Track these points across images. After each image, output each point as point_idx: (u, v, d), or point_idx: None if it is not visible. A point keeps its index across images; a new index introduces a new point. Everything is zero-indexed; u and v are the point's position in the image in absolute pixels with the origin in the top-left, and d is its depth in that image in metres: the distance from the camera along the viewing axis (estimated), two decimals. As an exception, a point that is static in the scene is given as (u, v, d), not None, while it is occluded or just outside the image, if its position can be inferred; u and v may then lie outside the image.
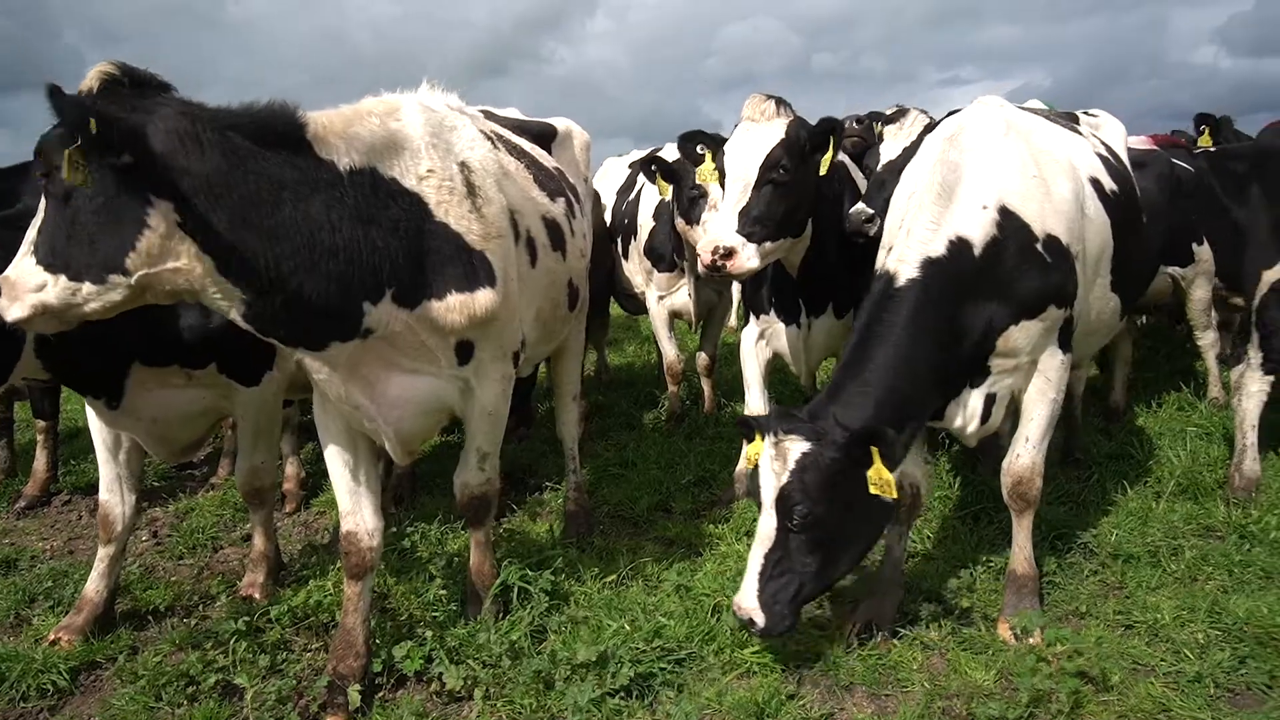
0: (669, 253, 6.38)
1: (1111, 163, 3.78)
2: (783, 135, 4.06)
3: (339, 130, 2.58)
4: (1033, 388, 3.31)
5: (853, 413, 2.96)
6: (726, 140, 4.28)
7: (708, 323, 6.76)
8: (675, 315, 6.62)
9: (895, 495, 2.95)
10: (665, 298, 6.57)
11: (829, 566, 3.09)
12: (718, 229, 3.94)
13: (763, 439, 3.03)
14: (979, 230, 3.09)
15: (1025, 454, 3.41)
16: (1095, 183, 3.52)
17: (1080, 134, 3.84)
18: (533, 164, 3.54)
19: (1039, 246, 3.11)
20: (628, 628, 3.40)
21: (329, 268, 2.53)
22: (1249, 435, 4.79)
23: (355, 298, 2.65)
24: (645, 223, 6.54)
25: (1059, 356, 3.26)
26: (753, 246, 3.87)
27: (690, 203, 5.54)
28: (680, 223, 5.79)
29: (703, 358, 6.68)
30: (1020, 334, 3.14)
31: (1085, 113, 4.44)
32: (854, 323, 3.26)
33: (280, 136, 2.47)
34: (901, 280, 3.07)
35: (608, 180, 7.55)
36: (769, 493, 3.01)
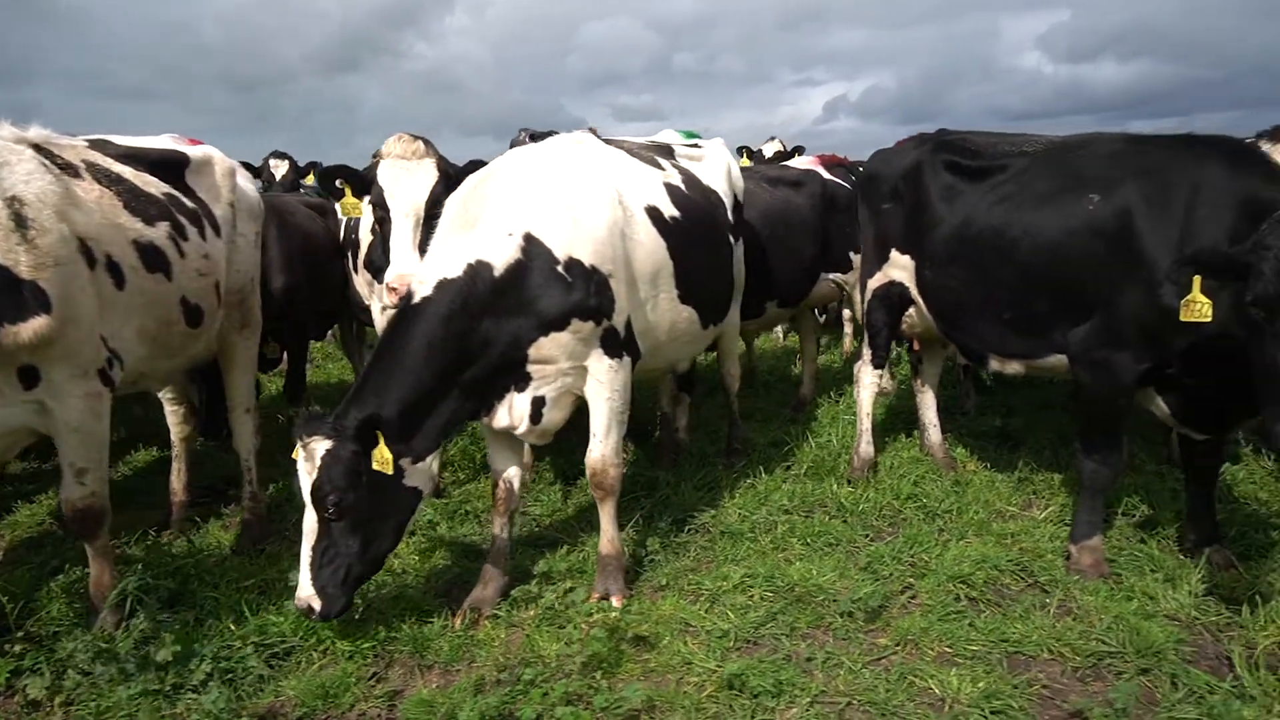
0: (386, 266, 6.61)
1: (682, 191, 4.32)
2: (438, 174, 4.46)
3: None
4: (589, 391, 3.78)
5: (367, 412, 3.37)
6: (365, 174, 4.63)
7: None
8: (398, 325, 6.83)
9: (391, 471, 3.43)
10: (388, 309, 6.77)
11: (372, 545, 3.54)
12: (405, 263, 4.28)
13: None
14: (501, 255, 3.52)
15: (595, 448, 3.88)
16: (652, 211, 4.04)
17: (659, 166, 4.36)
18: (128, 191, 3.70)
19: (560, 269, 3.57)
20: (233, 627, 3.63)
21: None
22: (864, 422, 5.53)
23: None
24: (365, 237, 6.70)
25: (607, 362, 3.73)
26: None
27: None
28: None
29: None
30: (551, 344, 3.59)
31: (692, 144, 5.01)
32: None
33: None
34: (417, 298, 3.49)
35: (343, 195, 7.68)
36: (306, 490, 3.41)
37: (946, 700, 3.19)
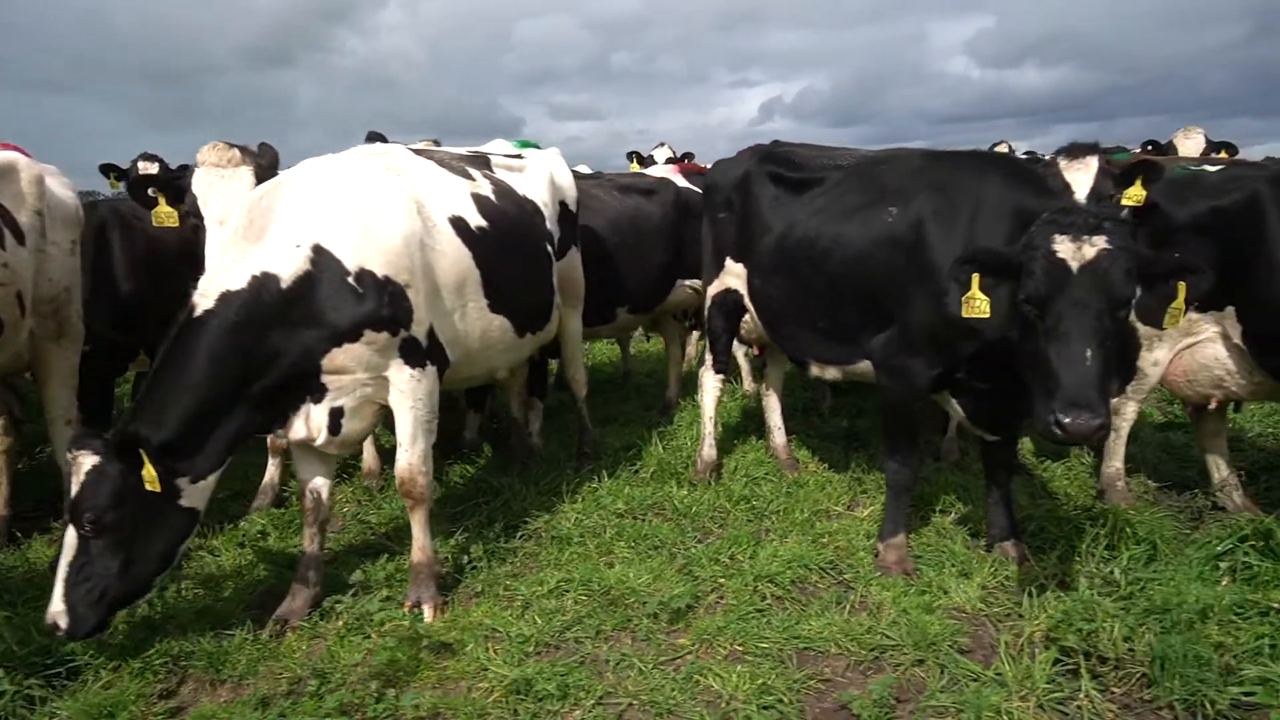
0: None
1: (491, 202, 4.35)
2: (254, 181, 4.41)
3: None
4: (393, 400, 3.80)
5: (147, 428, 3.32)
6: (179, 183, 4.56)
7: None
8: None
9: (159, 489, 3.35)
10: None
11: (134, 566, 3.44)
12: None
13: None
14: (289, 266, 3.51)
15: (401, 457, 3.89)
16: (457, 221, 4.07)
17: (469, 177, 4.38)
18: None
19: (351, 280, 3.58)
20: (16, 648, 3.53)
21: None
22: (707, 425, 5.66)
23: None
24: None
25: (408, 371, 3.75)
26: None
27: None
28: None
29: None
30: (344, 356, 3.60)
31: (515, 154, 5.03)
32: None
33: None
34: (199, 311, 3.45)
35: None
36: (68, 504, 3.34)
37: (724, 697, 3.29)
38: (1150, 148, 10.34)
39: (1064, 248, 3.23)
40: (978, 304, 3.57)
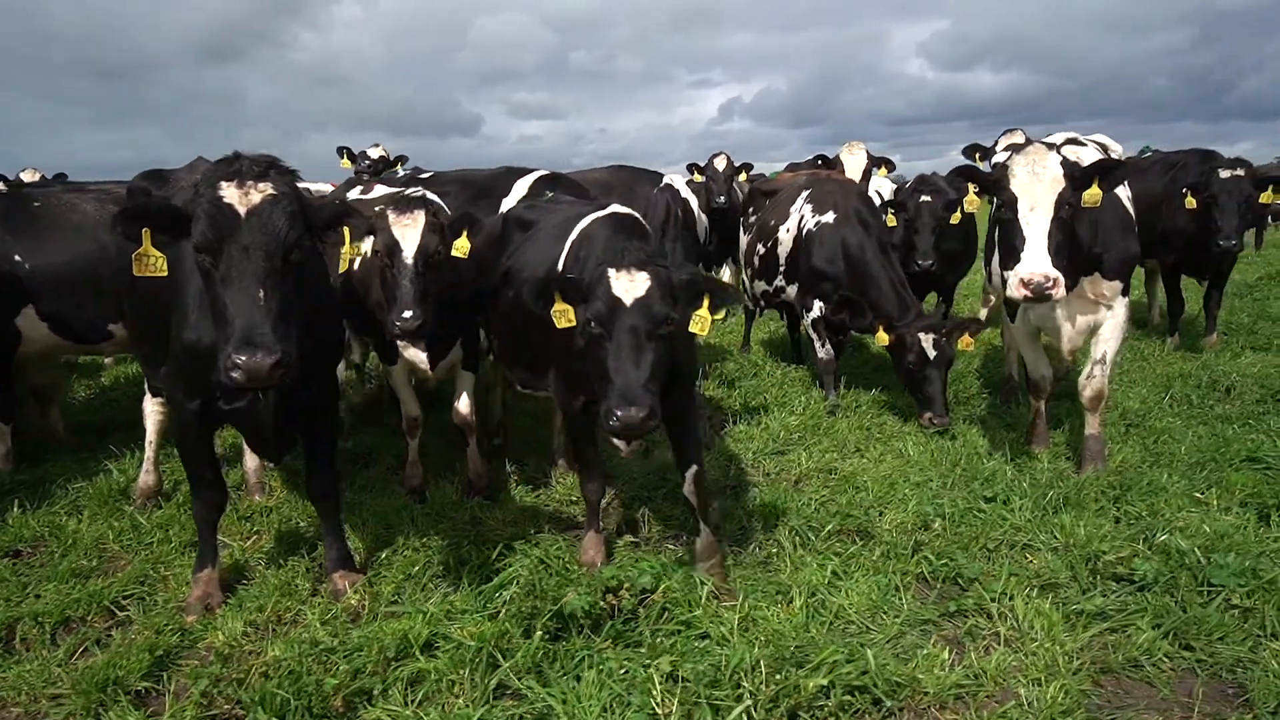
0: None
1: None
2: None
3: None
4: None
5: None
6: None
7: None
8: None
9: None
10: None
11: None
12: None
13: None
14: None
15: None
16: None
17: None
18: None
19: None
20: None
21: None
22: (149, 450, 5.43)
23: None
24: None
25: None
26: None
27: None
28: None
29: None
30: None
31: None
32: None
33: None
34: None
35: None
36: None
37: None
38: (820, 162, 10.49)
39: (230, 193, 3.19)
40: (151, 261, 3.40)
